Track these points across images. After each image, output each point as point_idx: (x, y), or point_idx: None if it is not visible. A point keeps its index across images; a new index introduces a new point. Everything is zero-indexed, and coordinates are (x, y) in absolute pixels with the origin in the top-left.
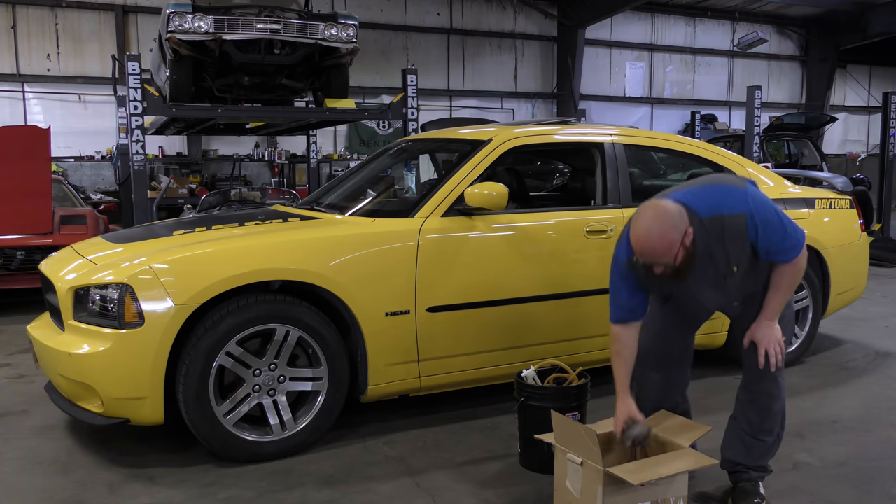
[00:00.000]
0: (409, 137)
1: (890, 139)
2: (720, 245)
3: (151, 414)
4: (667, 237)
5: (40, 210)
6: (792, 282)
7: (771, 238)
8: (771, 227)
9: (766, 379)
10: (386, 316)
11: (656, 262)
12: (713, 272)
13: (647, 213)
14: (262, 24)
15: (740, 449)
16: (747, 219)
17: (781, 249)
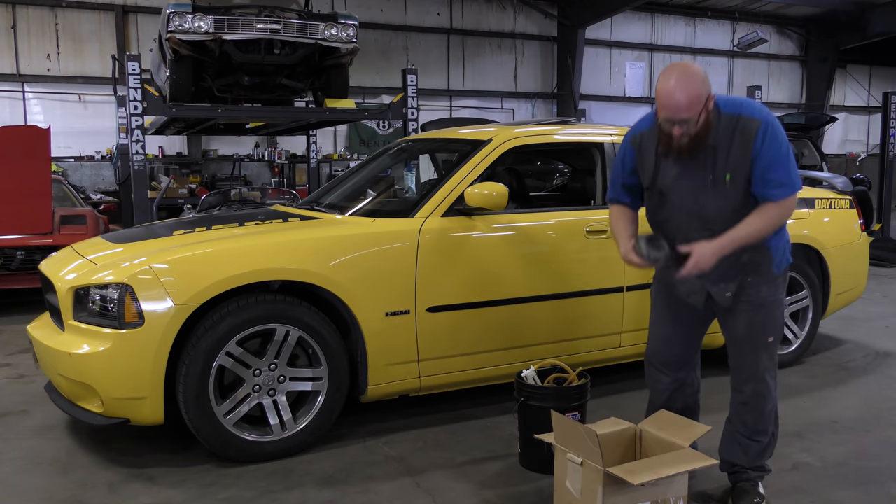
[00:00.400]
0: (409, 137)
1: (890, 139)
2: (727, 143)
3: (151, 414)
4: (695, 89)
5: (40, 210)
6: (767, 222)
7: (772, 161)
8: (776, 150)
9: (753, 380)
10: (386, 316)
11: (680, 118)
12: (709, 172)
13: (676, 68)
14: (262, 24)
15: (737, 451)
16: (760, 126)
17: (775, 181)
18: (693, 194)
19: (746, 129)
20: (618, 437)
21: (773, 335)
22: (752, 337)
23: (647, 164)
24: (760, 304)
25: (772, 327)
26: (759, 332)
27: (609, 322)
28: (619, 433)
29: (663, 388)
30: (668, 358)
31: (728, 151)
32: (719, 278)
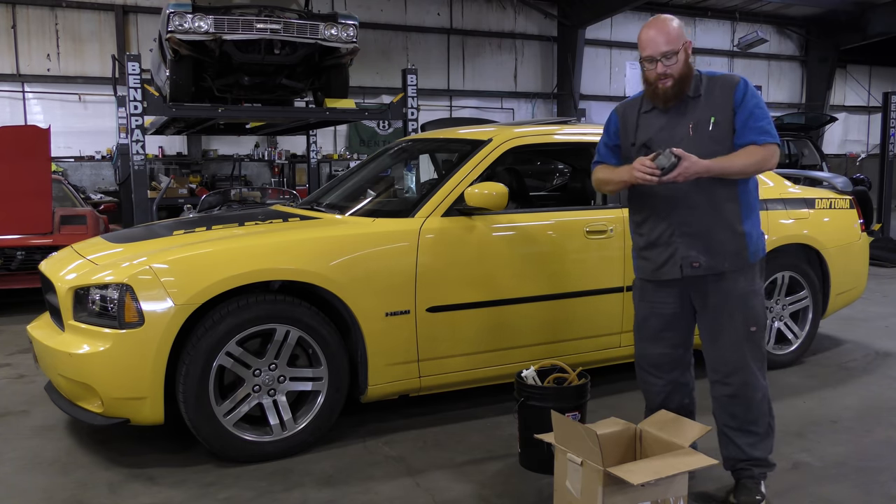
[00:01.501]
0: (409, 137)
1: (890, 139)
2: (708, 94)
3: (151, 414)
4: (672, 27)
5: (40, 210)
6: (751, 160)
7: (753, 111)
8: (756, 102)
9: (740, 371)
10: (386, 316)
11: (661, 52)
12: (690, 118)
13: (654, 18)
14: (262, 24)
15: (730, 445)
16: (740, 81)
17: (759, 128)
18: (675, 143)
19: (727, 83)
20: (618, 437)
21: (756, 324)
22: (734, 329)
23: (630, 124)
24: (739, 295)
25: (753, 317)
26: (741, 324)
27: (609, 322)
28: (619, 433)
29: (657, 390)
30: (657, 361)
31: (709, 99)
32: (692, 242)
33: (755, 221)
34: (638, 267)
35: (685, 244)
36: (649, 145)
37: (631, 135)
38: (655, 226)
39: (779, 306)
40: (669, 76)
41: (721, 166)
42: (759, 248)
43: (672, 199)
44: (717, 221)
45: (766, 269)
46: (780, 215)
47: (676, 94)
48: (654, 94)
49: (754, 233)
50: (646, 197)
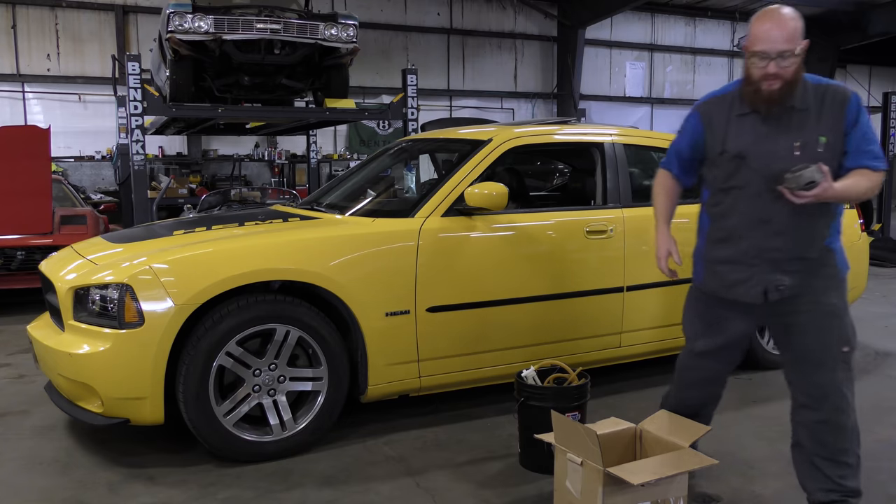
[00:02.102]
0: (409, 137)
1: (890, 139)
2: (817, 108)
3: (151, 414)
4: (794, 22)
5: (40, 210)
6: (867, 185)
7: (866, 133)
8: (868, 123)
9: (832, 395)
10: (386, 316)
11: (778, 51)
12: (795, 135)
13: (771, 8)
14: (262, 24)
15: (821, 476)
16: (852, 97)
17: (872, 152)
18: (777, 160)
19: (838, 96)
20: (618, 437)
21: (849, 344)
22: (827, 348)
23: (717, 129)
24: (831, 311)
25: (846, 336)
26: (834, 343)
27: (609, 322)
28: (619, 433)
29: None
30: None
31: (819, 116)
32: (778, 265)
33: (840, 235)
34: (703, 279)
35: (770, 267)
36: (744, 157)
37: (719, 141)
38: (739, 243)
39: None
40: (780, 78)
41: (847, 191)
42: (845, 261)
43: (765, 219)
44: (811, 244)
45: None
46: None
47: (781, 99)
48: (754, 96)
49: (840, 248)
50: (733, 209)
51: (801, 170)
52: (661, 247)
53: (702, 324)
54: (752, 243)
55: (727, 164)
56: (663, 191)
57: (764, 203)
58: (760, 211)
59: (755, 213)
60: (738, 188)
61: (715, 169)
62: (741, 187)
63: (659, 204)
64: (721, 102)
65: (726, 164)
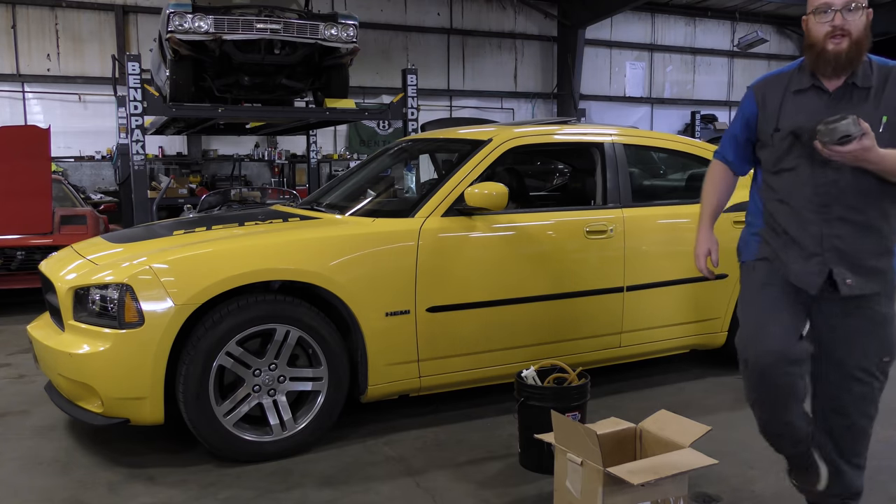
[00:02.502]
0: (409, 137)
1: None
2: (880, 86)
3: (151, 414)
4: None
5: (40, 210)
6: None
7: None
8: None
9: (863, 402)
10: (386, 316)
11: (844, 3)
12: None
13: None
14: (262, 24)
15: (835, 479)
16: None
17: None
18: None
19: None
20: (618, 437)
21: (891, 354)
22: (866, 357)
23: (771, 106)
24: (880, 321)
25: (890, 346)
26: (875, 352)
27: (609, 322)
28: (619, 433)
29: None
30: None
31: (881, 95)
32: (841, 258)
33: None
34: (758, 251)
35: (835, 258)
36: (799, 135)
37: (772, 119)
38: (800, 229)
39: None
40: (847, 34)
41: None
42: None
43: (827, 204)
44: (875, 240)
45: None
46: None
47: (849, 62)
48: (818, 58)
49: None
50: (783, 184)
51: (836, 121)
52: (700, 244)
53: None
54: (817, 228)
55: (780, 144)
56: (712, 184)
57: (823, 187)
58: (821, 195)
59: (815, 197)
60: (790, 170)
61: (767, 150)
62: (794, 169)
63: (705, 198)
64: (777, 81)
65: (779, 143)
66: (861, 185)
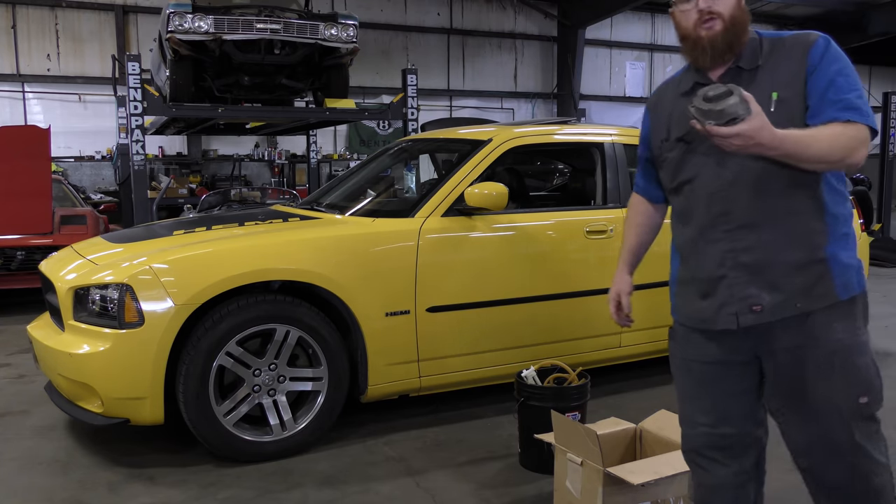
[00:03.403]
0: (409, 137)
1: (890, 139)
2: (771, 62)
3: (151, 414)
4: None
5: (40, 210)
6: (836, 144)
7: (834, 79)
8: (840, 67)
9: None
10: (386, 316)
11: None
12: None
13: None
14: (262, 24)
15: None
16: (818, 39)
17: (842, 102)
18: None
19: (798, 42)
20: (618, 437)
21: (868, 393)
22: (833, 400)
23: (662, 114)
24: (836, 349)
25: (863, 383)
26: (842, 392)
27: (609, 322)
28: (619, 433)
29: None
30: (721, 442)
31: (774, 70)
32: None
33: (848, 244)
34: (674, 306)
35: (742, 278)
36: (689, 141)
37: (663, 129)
38: (695, 249)
39: None
40: (717, 16)
41: (797, 142)
42: (851, 278)
43: (726, 212)
44: (791, 240)
45: None
46: None
47: (729, 45)
48: (694, 49)
49: (845, 258)
50: (685, 202)
51: (718, 98)
52: (611, 288)
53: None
54: (715, 244)
55: (671, 155)
56: (628, 218)
57: (720, 192)
58: (719, 202)
59: (713, 206)
60: (688, 183)
61: (664, 167)
62: (690, 181)
63: (624, 235)
64: (668, 88)
65: (670, 154)
66: (766, 180)
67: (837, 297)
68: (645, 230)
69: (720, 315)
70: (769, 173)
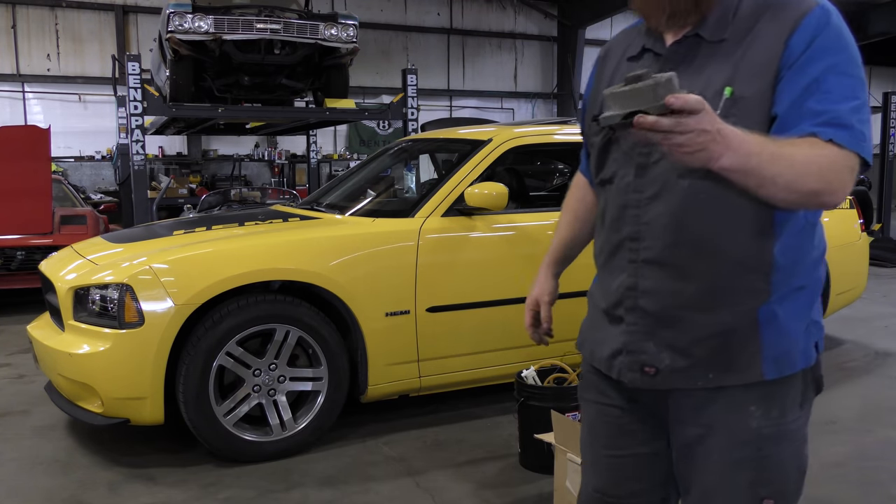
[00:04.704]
0: (409, 137)
1: (890, 139)
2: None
3: (151, 414)
4: None
5: (40, 210)
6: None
7: (824, 78)
8: (836, 63)
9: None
10: (386, 316)
11: None
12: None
13: None
14: (262, 24)
15: None
16: (814, 8)
17: (830, 114)
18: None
19: (786, 8)
20: None
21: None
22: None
23: (604, 81)
24: (748, 440)
25: (771, 482)
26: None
27: None
28: None
29: None
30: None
31: (741, 48)
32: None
33: (800, 301)
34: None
35: (640, 328)
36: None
37: (598, 100)
38: (604, 269)
39: None
40: None
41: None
42: (792, 351)
43: (636, 237)
44: (712, 290)
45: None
46: None
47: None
48: (646, 2)
49: (788, 322)
50: (603, 205)
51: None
52: (528, 295)
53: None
54: (616, 279)
55: (597, 140)
56: (565, 204)
57: (632, 209)
58: (629, 222)
59: (622, 225)
60: (609, 182)
61: (591, 150)
62: (611, 180)
63: (558, 223)
64: (621, 41)
65: (596, 137)
66: (693, 203)
67: (762, 375)
68: (582, 222)
69: (613, 363)
70: (701, 194)
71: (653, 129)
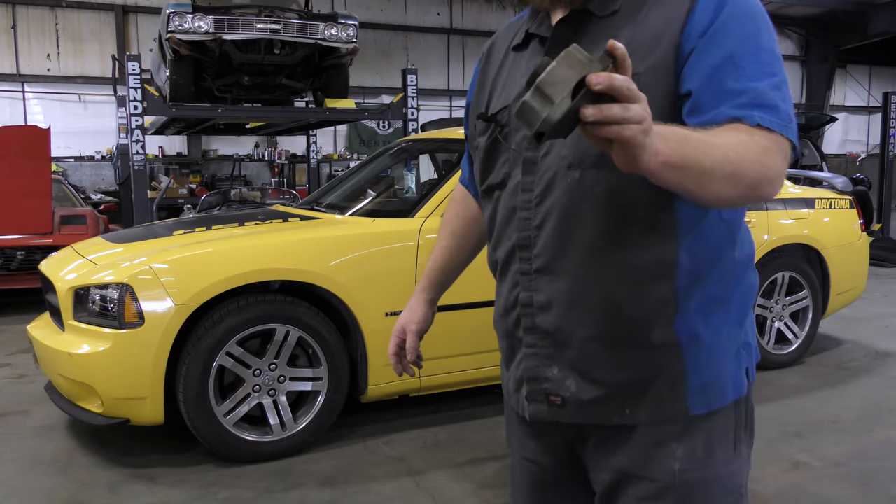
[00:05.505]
0: (409, 137)
1: (890, 139)
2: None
3: (151, 414)
4: None
5: (40, 210)
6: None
7: (740, 53)
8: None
9: None
10: (386, 316)
11: None
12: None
13: None
14: (262, 24)
15: None
16: None
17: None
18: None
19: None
20: None
21: None
22: None
23: (488, 76)
24: (670, 486)
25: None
26: None
27: None
28: None
29: None
30: None
31: (636, 19)
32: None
33: (731, 315)
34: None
35: (541, 350)
36: (503, 123)
37: (485, 94)
38: (497, 302)
39: (779, 306)
40: None
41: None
42: (722, 377)
43: (526, 238)
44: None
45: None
46: (780, 215)
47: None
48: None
49: (712, 339)
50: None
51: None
52: (398, 320)
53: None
54: (511, 293)
55: (483, 141)
56: (445, 217)
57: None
58: (520, 226)
59: (512, 231)
60: (498, 187)
61: (474, 154)
62: (502, 184)
63: (436, 243)
64: (509, 29)
65: (482, 137)
66: (585, 202)
67: (687, 411)
68: (460, 239)
69: (518, 397)
70: (597, 187)
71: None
